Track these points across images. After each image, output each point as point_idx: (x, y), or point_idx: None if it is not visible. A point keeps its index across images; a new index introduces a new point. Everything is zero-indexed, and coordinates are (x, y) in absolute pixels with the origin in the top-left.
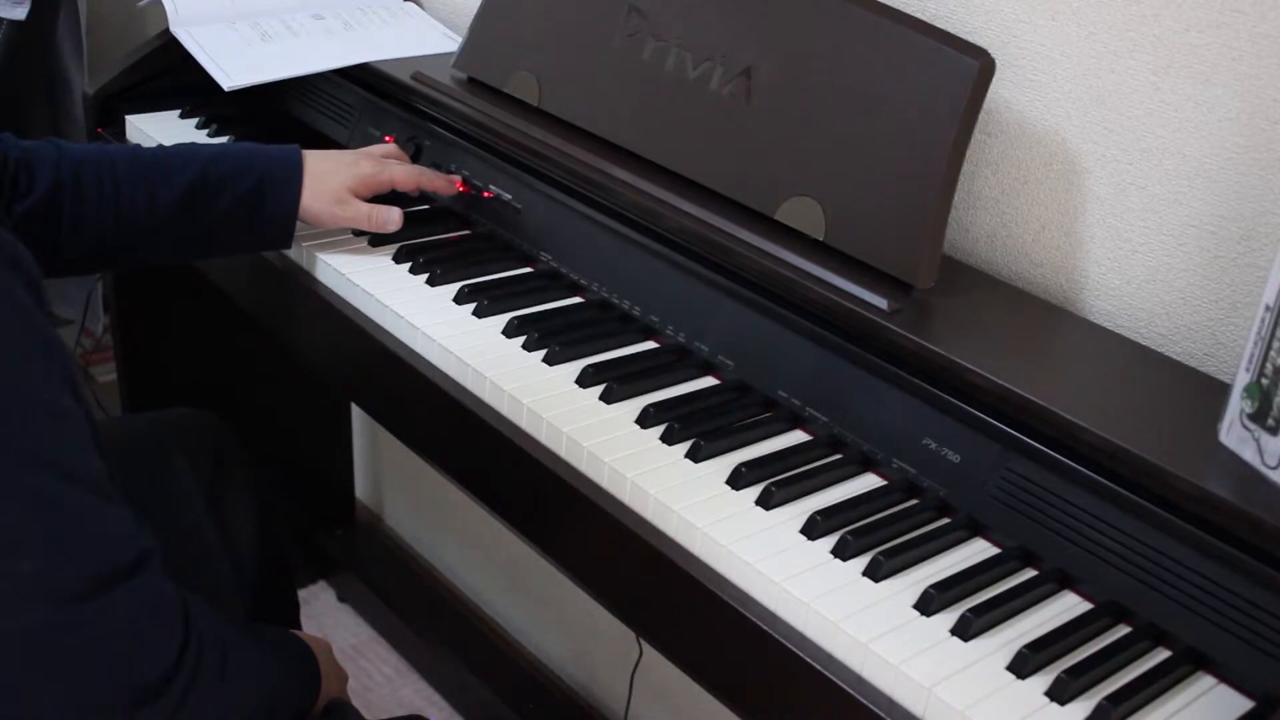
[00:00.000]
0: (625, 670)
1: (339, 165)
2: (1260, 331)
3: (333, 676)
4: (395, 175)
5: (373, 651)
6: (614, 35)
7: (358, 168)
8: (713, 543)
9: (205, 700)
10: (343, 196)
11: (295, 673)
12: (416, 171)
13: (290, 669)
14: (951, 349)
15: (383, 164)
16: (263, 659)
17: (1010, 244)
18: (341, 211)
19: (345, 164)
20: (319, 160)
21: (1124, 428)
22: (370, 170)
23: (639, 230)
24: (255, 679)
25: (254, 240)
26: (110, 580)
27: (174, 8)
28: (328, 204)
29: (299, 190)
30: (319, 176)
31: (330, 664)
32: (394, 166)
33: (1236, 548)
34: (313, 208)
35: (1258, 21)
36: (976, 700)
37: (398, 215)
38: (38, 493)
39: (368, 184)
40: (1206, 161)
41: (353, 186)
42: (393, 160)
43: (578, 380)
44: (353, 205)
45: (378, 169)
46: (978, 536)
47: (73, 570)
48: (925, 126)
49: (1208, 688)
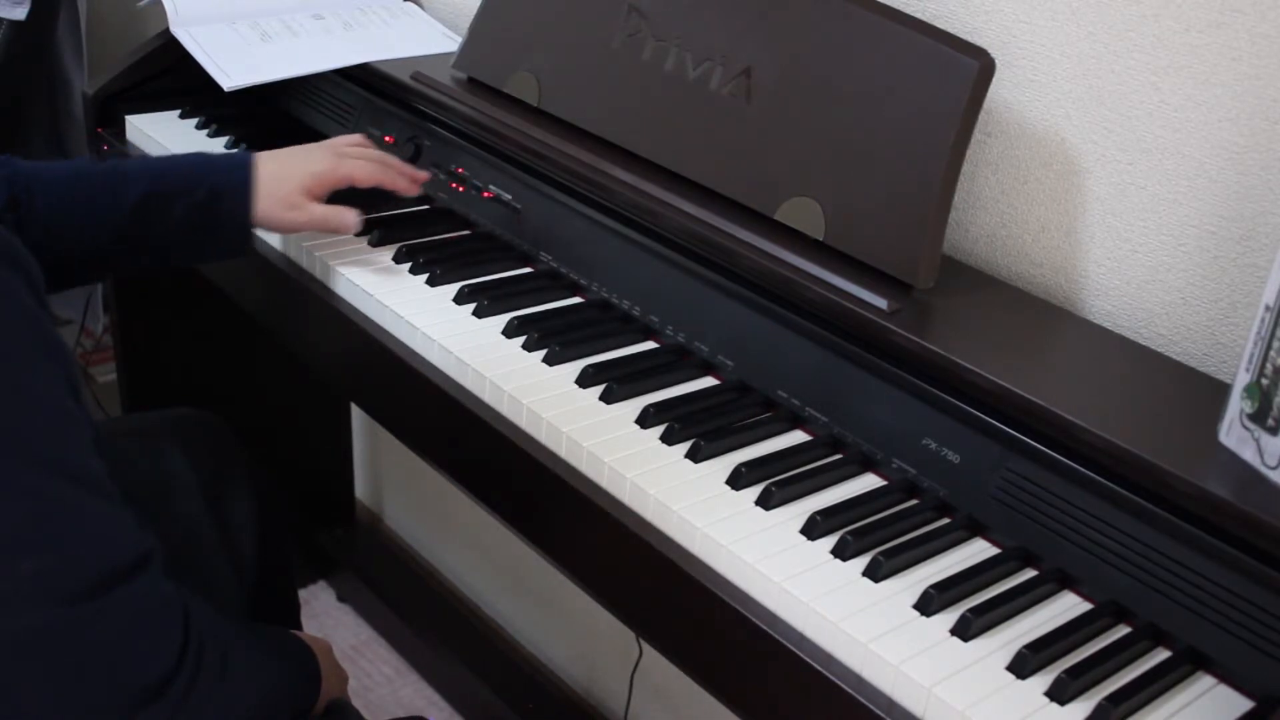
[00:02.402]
0: (625, 670)
1: (292, 166)
2: (1260, 331)
3: (333, 676)
4: (353, 171)
5: (373, 651)
6: (614, 35)
7: (310, 165)
8: (712, 543)
9: (206, 701)
10: (295, 201)
11: (295, 673)
12: (377, 166)
13: (290, 669)
14: (951, 349)
15: (339, 159)
16: (263, 659)
17: (1010, 244)
18: (295, 217)
19: (299, 163)
20: (271, 163)
21: (1124, 428)
22: (324, 168)
23: (639, 230)
24: (255, 679)
25: (211, 250)
26: (111, 581)
27: (174, 8)
28: (281, 210)
29: (249, 198)
30: (270, 182)
31: (330, 664)
32: (351, 162)
33: (1236, 548)
34: (267, 215)
35: (1258, 21)
36: (976, 700)
37: (353, 218)
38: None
39: (323, 182)
40: (1206, 161)
41: (308, 187)
42: (353, 154)
43: (578, 380)
44: (305, 210)
45: (333, 165)
46: (978, 536)
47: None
48: (925, 126)
49: (1208, 688)
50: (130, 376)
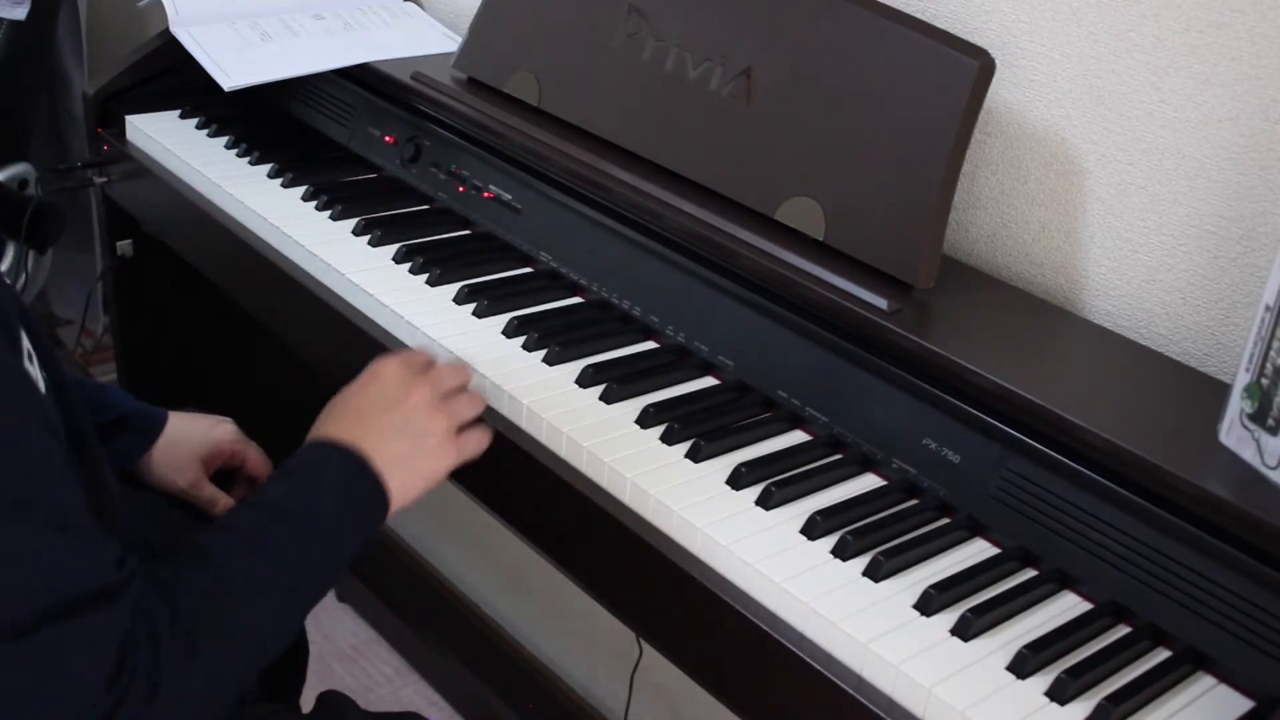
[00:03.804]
0: (625, 670)
1: (194, 433)
2: (1260, 331)
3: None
4: (250, 456)
5: (373, 651)
6: (614, 35)
7: (214, 434)
8: (713, 543)
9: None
10: (186, 466)
11: (296, 545)
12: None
13: (292, 549)
14: (951, 349)
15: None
16: (255, 564)
17: (1010, 244)
18: (178, 480)
19: (202, 430)
20: (179, 422)
21: (1124, 428)
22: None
23: (639, 230)
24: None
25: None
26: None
27: (174, 8)
28: (168, 469)
29: (148, 442)
30: (173, 439)
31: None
32: (252, 450)
33: (1236, 548)
34: (157, 465)
35: (1258, 21)
36: (976, 700)
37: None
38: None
39: (220, 453)
40: (1206, 161)
41: (204, 456)
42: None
43: (578, 380)
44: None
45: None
46: (978, 536)
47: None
48: (925, 126)
49: (1208, 688)
50: (130, 376)
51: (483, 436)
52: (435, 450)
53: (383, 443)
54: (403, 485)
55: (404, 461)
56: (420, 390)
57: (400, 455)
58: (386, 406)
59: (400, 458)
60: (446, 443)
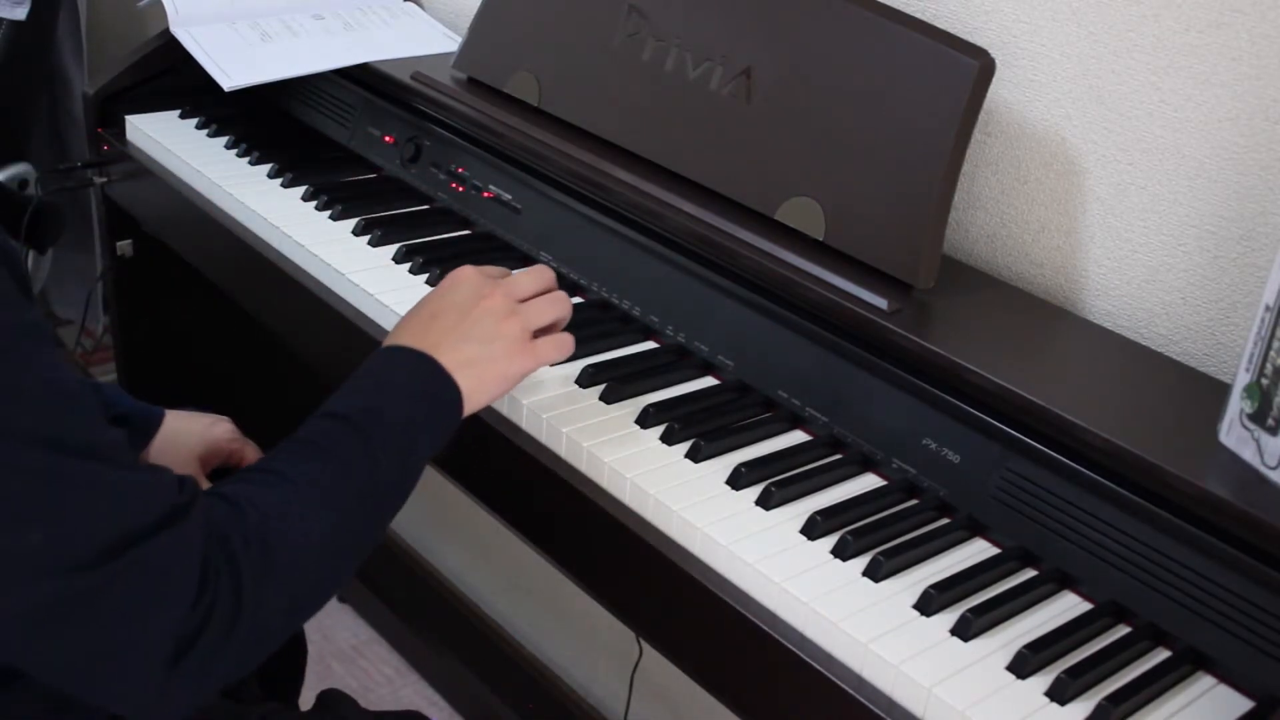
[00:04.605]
0: (625, 670)
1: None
2: (1260, 331)
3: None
4: (247, 455)
5: (373, 651)
6: (614, 35)
7: (211, 432)
8: (713, 543)
9: (258, 606)
10: (183, 464)
11: (365, 450)
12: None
13: (365, 451)
14: (951, 349)
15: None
16: (322, 478)
17: (1010, 244)
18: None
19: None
20: (176, 420)
21: (1124, 428)
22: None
23: (639, 230)
24: (322, 509)
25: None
26: (125, 544)
27: (174, 8)
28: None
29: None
30: (170, 437)
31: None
32: (249, 448)
33: (1236, 548)
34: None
35: (1258, 21)
36: (976, 700)
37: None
38: (42, 470)
39: (217, 451)
40: (1206, 161)
41: (201, 454)
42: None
43: (578, 380)
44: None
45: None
46: (978, 536)
47: (85, 538)
48: (925, 127)
49: (1208, 688)
50: (130, 376)
51: (562, 341)
52: (505, 354)
53: (451, 347)
54: (474, 388)
55: (473, 364)
56: (492, 296)
57: (470, 358)
58: (458, 312)
59: (469, 360)
60: (518, 347)
